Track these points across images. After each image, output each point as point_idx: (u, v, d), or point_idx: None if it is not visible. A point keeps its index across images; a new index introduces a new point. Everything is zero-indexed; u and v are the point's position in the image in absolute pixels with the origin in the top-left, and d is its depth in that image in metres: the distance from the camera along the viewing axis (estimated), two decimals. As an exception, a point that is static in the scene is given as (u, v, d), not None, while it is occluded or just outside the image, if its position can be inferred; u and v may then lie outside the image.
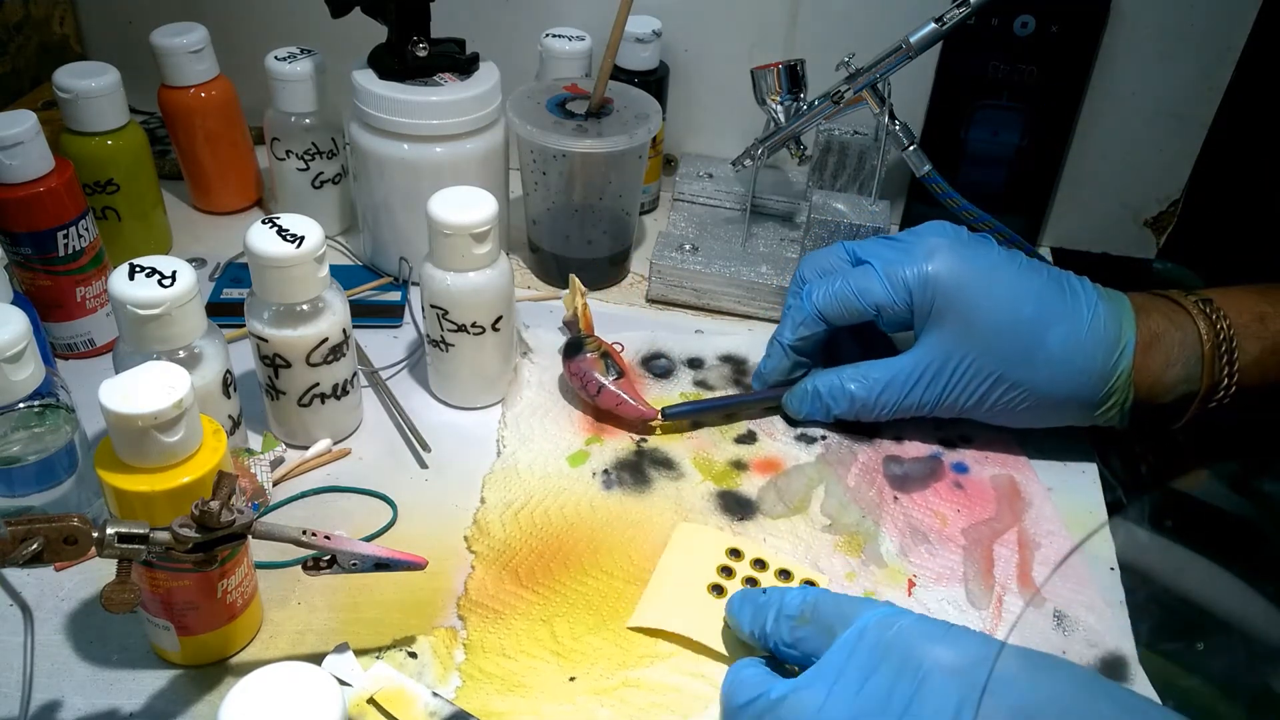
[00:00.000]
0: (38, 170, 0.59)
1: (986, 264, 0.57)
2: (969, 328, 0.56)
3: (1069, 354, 0.56)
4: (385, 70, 0.67)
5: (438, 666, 0.47)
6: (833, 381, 0.60)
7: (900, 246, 0.59)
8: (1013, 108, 0.76)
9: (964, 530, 0.56)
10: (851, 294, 0.58)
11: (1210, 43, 0.73)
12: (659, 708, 0.46)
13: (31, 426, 0.48)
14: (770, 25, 0.79)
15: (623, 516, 0.56)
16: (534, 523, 0.55)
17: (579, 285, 0.67)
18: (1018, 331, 0.56)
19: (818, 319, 0.60)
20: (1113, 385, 0.56)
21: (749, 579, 0.52)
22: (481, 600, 0.51)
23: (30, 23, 0.85)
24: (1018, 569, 0.54)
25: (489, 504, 0.56)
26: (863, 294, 0.58)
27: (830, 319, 0.60)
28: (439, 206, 0.57)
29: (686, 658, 0.49)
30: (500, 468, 0.59)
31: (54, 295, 0.62)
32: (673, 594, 0.51)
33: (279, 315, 0.54)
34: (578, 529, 0.55)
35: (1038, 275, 0.57)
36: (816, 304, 0.60)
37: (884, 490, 0.59)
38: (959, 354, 0.57)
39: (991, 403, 0.58)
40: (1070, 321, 0.56)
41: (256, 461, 0.56)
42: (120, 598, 0.38)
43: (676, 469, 0.59)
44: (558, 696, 0.46)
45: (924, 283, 0.57)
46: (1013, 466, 0.60)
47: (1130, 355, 0.56)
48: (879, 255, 0.59)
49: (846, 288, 0.59)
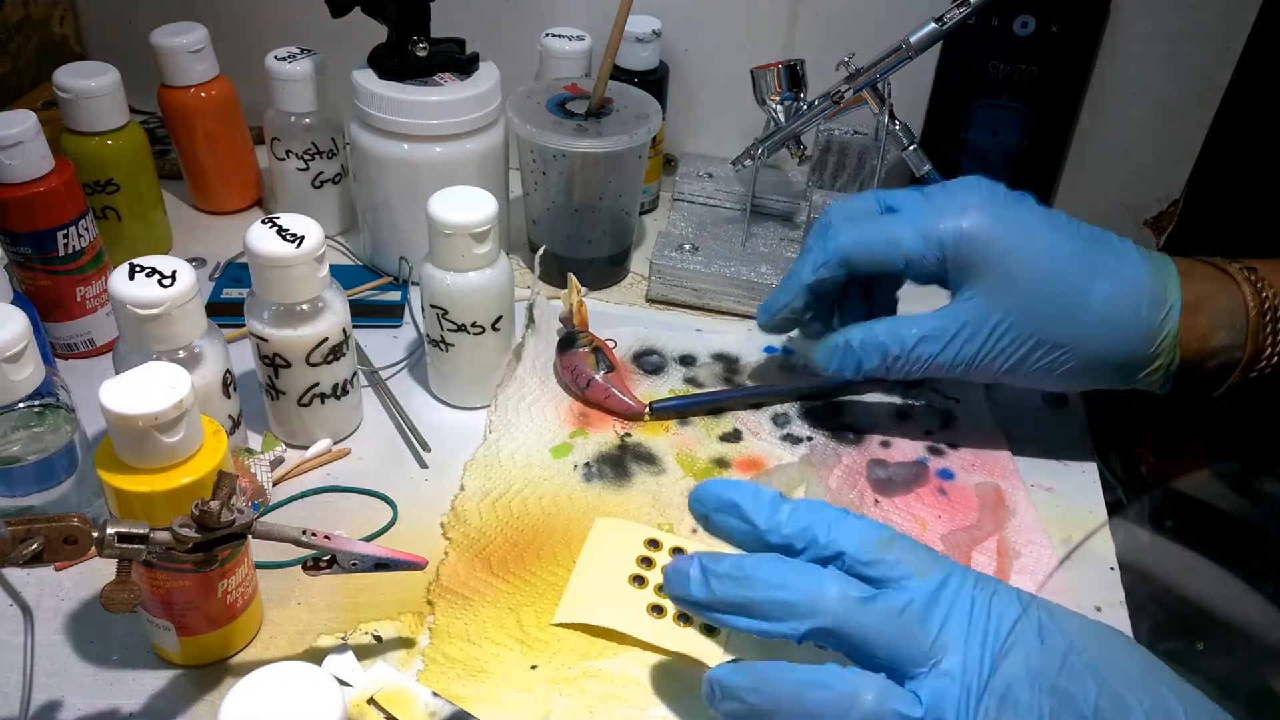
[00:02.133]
0: (38, 170, 0.59)
1: (1025, 221, 0.55)
2: (1008, 285, 0.54)
3: (1115, 311, 0.54)
4: (385, 70, 0.67)
5: (401, 650, 0.48)
6: (866, 335, 0.56)
7: (935, 199, 0.56)
8: (1013, 108, 0.76)
9: (943, 536, 0.56)
10: (882, 242, 0.55)
11: (1210, 43, 0.73)
12: (616, 699, 0.46)
13: (31, 426, 0.48)
14: (770, 25, 0.79)
15: (599, 509, 0.56)
16: (511, 512, 0.55)
17: (576, 283, 0.67)
18: (1059, 289, 0.54)
19: (841, 263, 0.56)
20: (1160, 345, 0.54)
21: None
22: (452, 586, 0.51)
23: (30, 23, 0.85)
24: (995, 576, 0.54)
25: (468, 491, 0.57)
26: (894, 243, 0.55)
27: (855, 265, 0.56)
28: (439, 206, 0.57)
29: (649, 651, 0.49)
30: (483, 454, 0.59)
31: (54, 295, 0.62)
32: (595, 588, 0.51)
33: (279, 315, 0.54)
34: (554, 520, 0.55)
35: (1078, 232, 0.56)
36: (843, 247, 0.56)
37: (865, 493, 0.58)
38: (998, 313, 0.54)
39: (1032, 364, 0.55)
40: (1114, 279, 0.54)
41: (256, 461, 0.56)
42: (120, 598, 0.38)
43: (658, 464, 0.60)
44: (518, 684, 0.47)
45: (959, 238, 0.54)
46: (999, 474, 0.60)
47: (1177, 315, 0.54)
48: (913, 206, 0.56)
49: (878, 235, 0.55)
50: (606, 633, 0.49)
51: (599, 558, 0.53)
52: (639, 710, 0.46)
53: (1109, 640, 0.40)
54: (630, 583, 0.51)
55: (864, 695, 0.39)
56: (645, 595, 0.51)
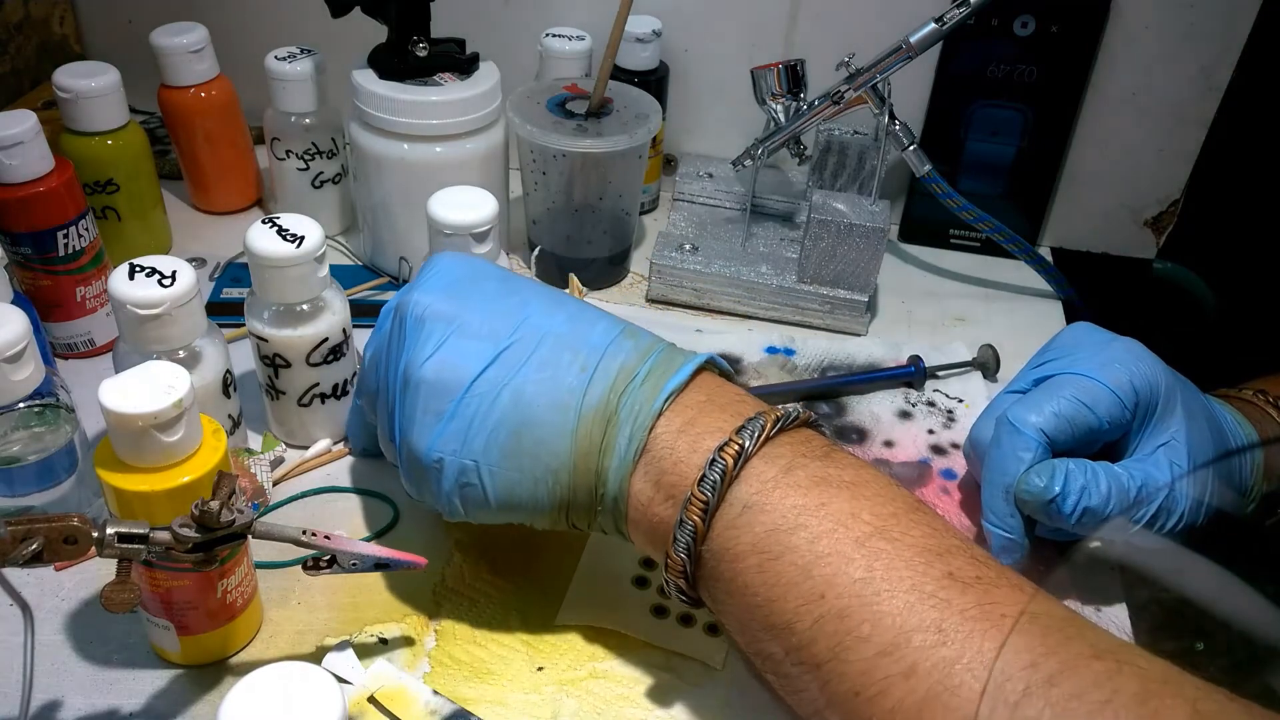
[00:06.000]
0: (38, 170, 0.59)
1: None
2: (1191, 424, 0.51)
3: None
4: (385, 70, 0.67)
5: (407, 652, 0.48)
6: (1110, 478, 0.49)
7: (1082, 355, 0.52)
8: (1013, 108, 0.76)
9: None
10: (1082, 407, 0.50)
11: (1210, 43, 0.73)
12: (625, 700, 0.46)
13: (31, 426, 0.48)
14: (770, 25, 0.79)
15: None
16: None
17: (576, 283, 0.67)
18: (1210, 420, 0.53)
19: (1045, 448, 0.50)
20: (1252, 480, 0.53)
21: None
22: (458, 588, 0.51)
23: (30, 23, 0.85)
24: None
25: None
26: (1095, 405, 0.50)
27: (1057, 443, 0.50)
28: (439, 206, 0.57)
29: (655, 652, 0.49)
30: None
31: (54, 295, 0.62)
32: (597, 590, 0.51)
33: (279, 315, 0.54)
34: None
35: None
36: (1042, 428, 0.50)
37: None
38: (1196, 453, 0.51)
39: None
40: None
41: (256, 461, 0.56)
42: (120, 598, 0.38)
43: None
44: (525, 686, 0.47)
45: (1148, 384, 0.50)
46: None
47: (1259, 451, 0.53)
48: (1074, 369, 0.52)
49: (1073, 404, 0.50)
50: (612, 634, 0.49)
51: (601, 560, 0.53)
52: (646, 711, 0.46)
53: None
54: (633, 584, 0.51)
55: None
56: (648, 596, 0.51)
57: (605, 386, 0.43)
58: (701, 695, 0.47)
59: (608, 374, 0.43)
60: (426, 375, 0.43)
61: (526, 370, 0.43)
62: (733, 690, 0.47)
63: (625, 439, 0.42)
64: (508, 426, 0.43)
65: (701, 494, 0.40)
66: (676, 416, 0.42)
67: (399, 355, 0.45)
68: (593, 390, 0.43)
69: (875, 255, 0.69)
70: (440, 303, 0.45)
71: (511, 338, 0.44)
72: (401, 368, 0.44)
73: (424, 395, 0.43)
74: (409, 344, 0.44)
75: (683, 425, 0.42)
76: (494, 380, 0.43)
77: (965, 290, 0.79)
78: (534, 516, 0.45)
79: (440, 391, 0.43)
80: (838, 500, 0.39)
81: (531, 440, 0.43)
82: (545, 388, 0.43)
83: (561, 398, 0.43)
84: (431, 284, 0.46)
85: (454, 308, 0.45)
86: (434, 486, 0.45)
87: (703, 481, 0.40)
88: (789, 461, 0.40)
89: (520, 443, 0.43)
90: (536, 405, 0.43)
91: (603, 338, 0.44)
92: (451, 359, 0.43)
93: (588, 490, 0.43)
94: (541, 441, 0.43)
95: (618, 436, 0.42)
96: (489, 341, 0.44)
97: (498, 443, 0.43)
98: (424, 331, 0.44)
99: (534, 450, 0.43)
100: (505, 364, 0.43)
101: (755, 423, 0.41)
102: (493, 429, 0.43)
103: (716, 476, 0.40)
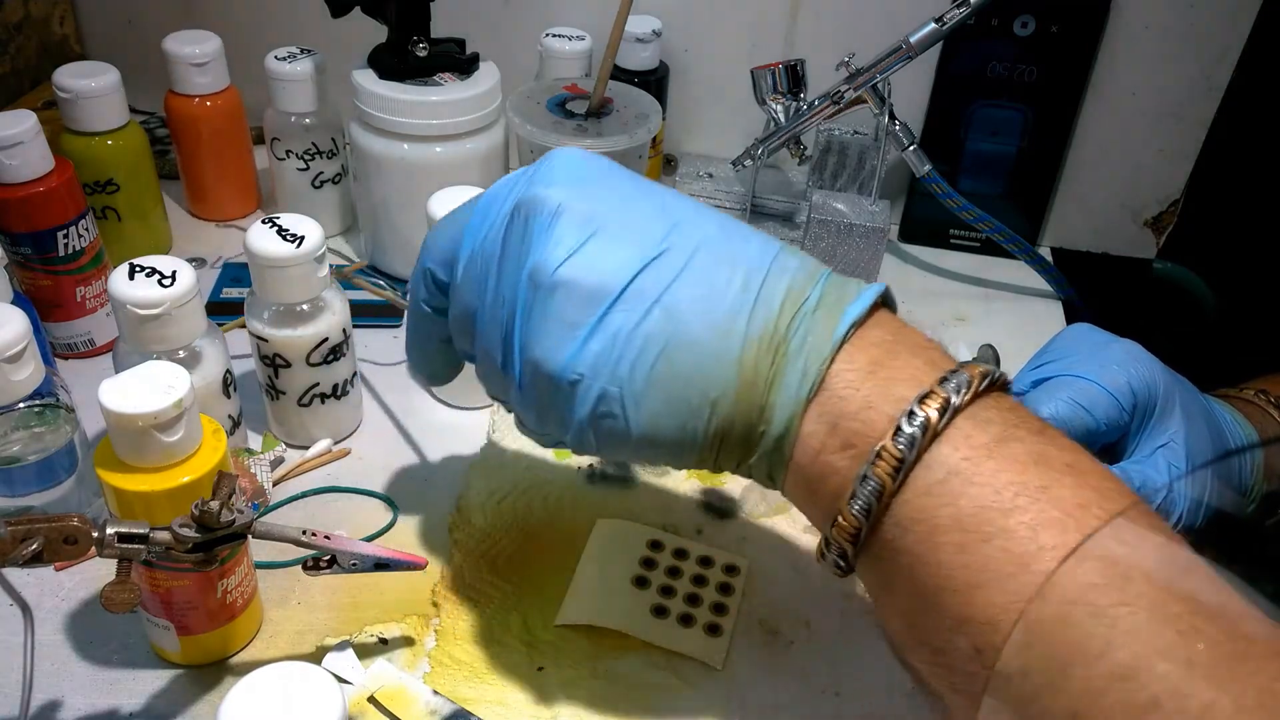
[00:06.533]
0: (38, 170, 0.59)
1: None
2: (1190, 424, 0.50)
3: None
4: (385, 70, 0.67)
5: (407, 652, 0.48)
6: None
7: (1080, 358, 0.51)
8: (1013, 108, 0.76)
9: None
10: (1080, 410, 0.49)
11: (1210, 43, 0.73)
12: (625, 700, 0.46)
13: (31, 426, 0.48)
14: (770, 25, 0.79)
15: (604, 510, 0.56)
16: (515, 513, 0.55)
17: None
18: (1209, 421, 0.52)
19: None
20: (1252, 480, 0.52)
21: (671, 568, 0.52)
22: (457, 588, 0.51)
23: (30, 23, 0.85)
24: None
25: (473, 491, 0.56)
26: (1092, 408, 0.49)
27: None
28: (439, 206, 0.57)
29: (655, 652, 0.49)
30: (487, 453, 0.59)
31: (54, 295, 0.62)
32: (598, 589, 0.51)
33: (279, 315, 0.54)
34: (559, 521, 0.55)
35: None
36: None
37: None
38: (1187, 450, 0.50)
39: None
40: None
41: (256, 461, 0.56)
42: (120, 598, 0.38)
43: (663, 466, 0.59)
44: (525, 686, 0.47)
45: (1146, 386, 0.49)
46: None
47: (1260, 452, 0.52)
48: (1072, 371, 0.51)
49: (1071, 406, 0.49)
50: (612, 634, 0.49)
51: (601, 559, 0.53)
52: (646, 711, 0.46)
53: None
54: (633, 584, 0.51)
55: None
56: (648, 596, 0.51)
57: (773, 310, 0.36)
58: (701, 695, 0.47)
59: (774, 295, 0.37)
60: (565, 279, 0.37)
61: (681, 285, 0.37)
62: (733, 690, 0.47)
63: (798, 372, 0.36)
64: (658, 348, 0.36)
65: (896, 449, 0.34)
66: (859, 354, 0.36)
67: (523, 256, 0.38)
68: (759, 313, 0.36)
69: (875, 255, 0.69)
70: (575, 200, 0.38)
71: (661, 245, 0.37)
72: (528, 270, 0.37)
73: (560, 302, 0.37)
74: (537, 243, 0.38)
75: (869, 365, 0.36)
76: (644, 293, 0.36)
77: (965, 290, 0.79)
78: (678, 454, 0.38)
79: (581, 300, 0.37)
80: (1061, 486, 0.33)
81: (687, 366, 0.36)
82: (703, 306, 0.36)
83: (722, 320, 0.36)
84: (559, 179, 0.39)
85: (591, 207, 0.38)
86: (564, 413, 0.38)
87: (898, 434, 0.34)
88: (1001, 430, 0.34)
89: (673, 368, 0.36)
90: (693, 326, 0.36)
91: (761, 253, 0.38)
92: (596, 263, 0.37)
93: (747, 427, 0.37)
94: (699, 368, 0.36)
95: (788, 369, 0.36)
96: (635, 247, 0.37)
97: (646, 366, 0.36)
98: (557, 230, 0.37)
99: (689, 378, 0.37)
100: (656, 275, 0.37)
101: (959, 376, 0.35)
102: (641, 350, 0.36)
103: (915, 431, 0.34)
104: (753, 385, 0.36)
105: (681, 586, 0.51)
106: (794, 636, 0.50)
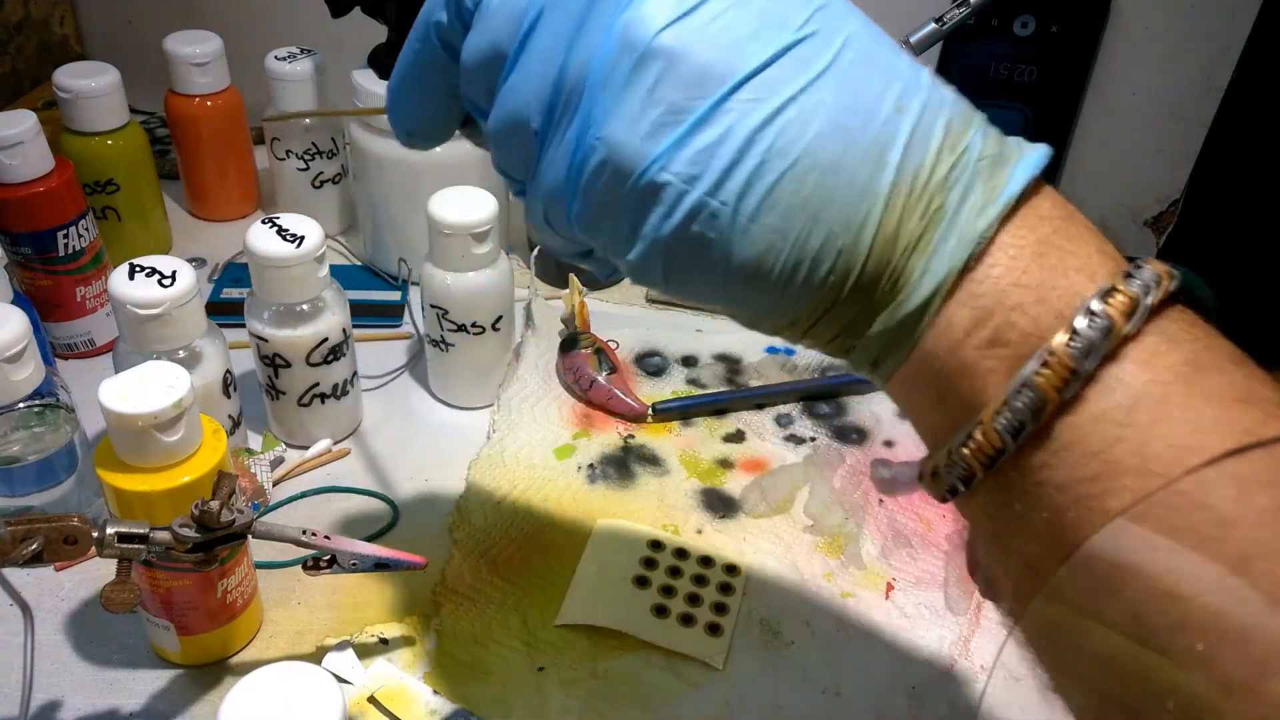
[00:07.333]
0: (38, 170, 0.59)
1: None
2: None
3: None
4: (385, 70, 0.67)
5: (407, 652, 0.48)
6: None
7: None
8: (1013, 108, 0.76)
9: (948, 535, 0.56)
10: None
11: (1210, 43, 0.73)
12: (625, 700, 0.46)
13: (31, 426, 0.48)
14: (770, 25, 0.79)
15: (604, 511, 0.56)
16: (515, 512, 0.55)
17: (577, 284, 0.67)
18: None
19: None
20: None
21: (671, 568, 0.52)
22: (457, 587, 0.51)
23: (30, 23, 0.85)
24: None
25: (473, 491, 0.56)
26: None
27: None
28: (439, 206, 0.57)
29: (655, 652, 0.49)
30: (487, 453, 0.59)
31: (54, 295, 0.62)
32: (598, 589, 0.51)
33: (279, 315, 0.54)
34: (559, 521, 0.55)
35: None
36: None
37: (869, 493, 0.58)
38: None
39: None
40: None
41: (256, 461, 0.56)
42: (120, 598, 0.38)
43: (662, 465, 0.60)
44: (525, 686, 0.47)
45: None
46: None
47: None
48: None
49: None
50: (612, 634, 0.49)
51: (601, 559, 0.53)
52: (646, 711, 0.46)
53: None
54: (634, 584, 0.51)
55: None
56: (649, 596, 0.51)
57: (929, 149, 0.28)
58: (701, 695, 0.47)
59: (932, 130, 0.28)
60: (668, 48, 0.27)
61: (824, 86, 0.27)
62: (733, 690, 0.47)
63: (954, 238, 0.27)
64: (786, 162, 0.27)
65: (1069, 355, 0.25)
66: (1027, 230, 0.28)
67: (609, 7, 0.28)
68: (915, 148, 0.27)
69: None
70: None
71: (804, 29, 0.28)
72: (617, 28, 0.27)
73: (657, 77, 0.27)
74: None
75: (1037, 245, 0.27)
76: (776, 85, 0.27)
77: (965, 290, 0.79)
78: (779, 302, 0.29)
79: (688, 78, 0.27)
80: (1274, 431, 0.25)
81: (819, 195, 0.27)
82: (850, 121, 0.27)
83: (871, 144, 0.27)
84: None
85: None
86: (636, 222, 0.28)
87: (1075, 337, 0.25)
88: (1192, 351, 0.27)
89: (801, 193, 0.27)
90: (832, 144, 0.27)
91: (914, 73, 0.29)
92: (716, 33, 0.27)
93: (869, 290, 0.28)
94: (831, 202, 0.27)
95: (943, 229, 0.27)
96: (772, 25, 0.27)
97: (765, 183, 0.27)
98: None
99: (818, 211, 0.27)
100: (793, 65, 0.27)
101: (1146, 273, 0.27)
102: (763, 160, 0.27)
103: (1096, 335, 0.25)
104: (893, 240, 0.27)
105: (682, 586, 0.51)
106: (794, 636, 0.50)
